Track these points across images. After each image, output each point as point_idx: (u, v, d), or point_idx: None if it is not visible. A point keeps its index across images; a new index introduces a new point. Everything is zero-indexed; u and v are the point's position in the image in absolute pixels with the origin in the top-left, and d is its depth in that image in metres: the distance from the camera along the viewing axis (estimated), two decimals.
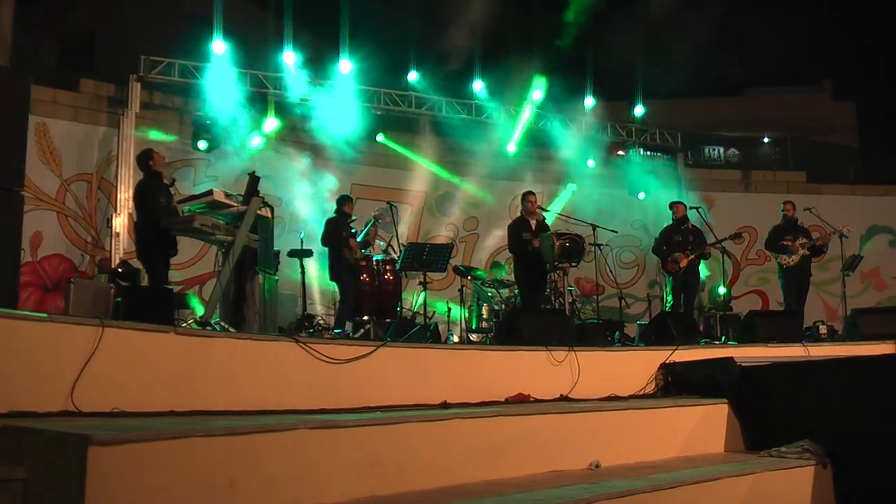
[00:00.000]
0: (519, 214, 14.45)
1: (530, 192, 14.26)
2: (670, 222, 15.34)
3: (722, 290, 17.25)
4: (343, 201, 14.52)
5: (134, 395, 6.47)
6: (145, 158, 11.25)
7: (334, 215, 14.47)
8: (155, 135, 17.02)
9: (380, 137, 19.86)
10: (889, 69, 29.42)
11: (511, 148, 20.97)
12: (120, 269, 13.88)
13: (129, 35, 20.51)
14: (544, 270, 13.81)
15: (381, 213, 14.67)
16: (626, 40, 21.31)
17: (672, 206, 15.31)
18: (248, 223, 9.32)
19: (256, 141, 18.15)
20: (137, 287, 11.93)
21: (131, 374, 6.57)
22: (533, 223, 13.89)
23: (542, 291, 13.98)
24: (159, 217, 10.24)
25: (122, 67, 17.35)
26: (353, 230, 14.20)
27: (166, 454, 4.90)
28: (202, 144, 17.16)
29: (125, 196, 16.16)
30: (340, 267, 13.86)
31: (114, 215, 16.28)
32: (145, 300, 9.27)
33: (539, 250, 13.47)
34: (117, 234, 16.05)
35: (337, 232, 13.97)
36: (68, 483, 4.50)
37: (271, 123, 18.34)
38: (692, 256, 14.60)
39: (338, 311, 14.10)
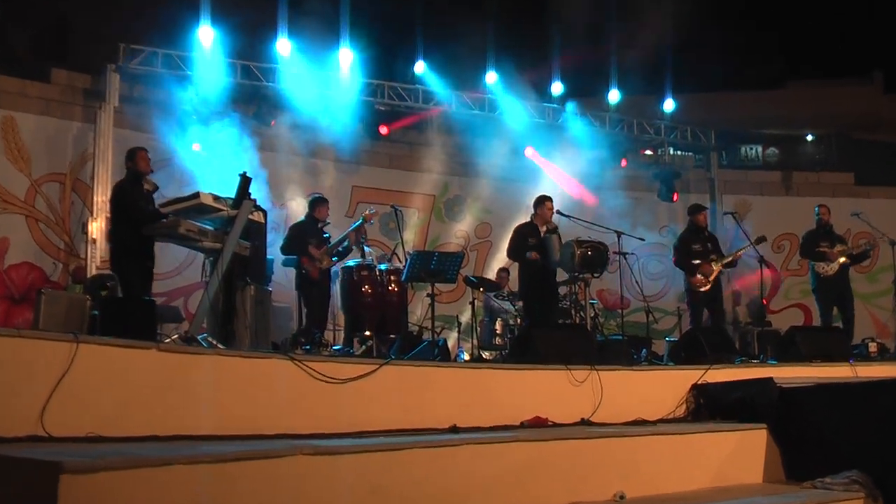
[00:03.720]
0: (528, 219, 14.34)
1: (548, 198, 14.15)
2: (686, 228, 15.20)
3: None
4: (314, 204, 14.36)
5: (111, 418, 6.47)
6: (127, 156, 11.21)
7: (303, 219, 14.42)
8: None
9: (384, 130, 19.81)
10: None
11: (528, 153, 20.99)
12: (108, 284, 13.80)
13: (106, 21, 20.51)
14: (553, 281, 13.78)
15: (373, 214, 14.47)
16: (655, 28, 21.26)
17: (696, 210, 15.13)
18: (238, 229, 9.33)
19: (247, 138, 18.14)
20: (116, 299, 11.91)
21: (108, 395, 6.58)
22: (542, 230, 13.81)
23: (553, 304, 13.92)
24: (140, 222, 10.23)
25: (99, 56, 17.29)
26: (325, 235, 14.11)
27: (146, 483, 4.90)
28: (191, 144, 17.15)
29: (102, 198, 16.04)
30: (302, 278, 13.81)
31: (89, 219, 16.16)
32: (125, 313, 9.26)
33: (538, 263, 13.46)
34: (93, 241, 15.95)
35: (298, 238, 13.89)
36: None
37: (264, 118, 18.35)
38: (720, 267, 14.52)
39: (304, 327, 13.93)
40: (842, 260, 15.04)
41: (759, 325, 17.11)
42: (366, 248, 14.75)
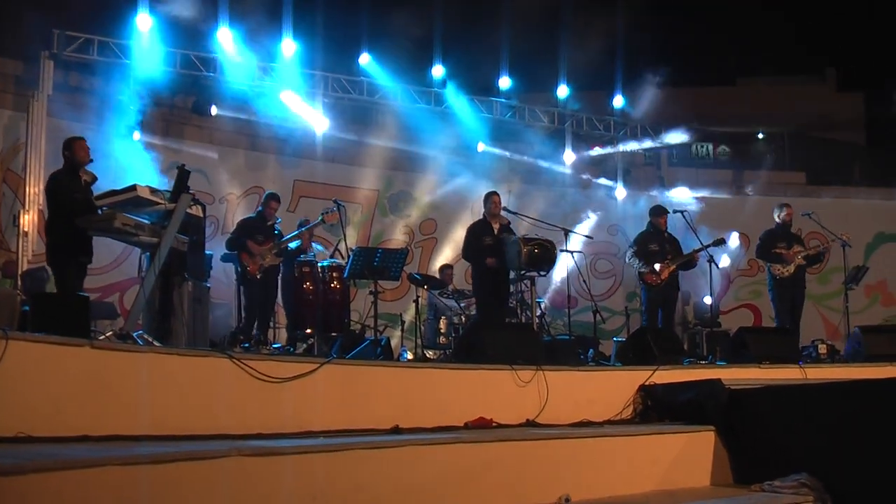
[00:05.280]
0: (480, 217, 14.43)
1: (494, 193, 14.30)
2: (646, 228, 15.28)
3: (708, 300, 17.20)
4: (266, 200, 14.42)
5: (42, 418, 6.41)
6: (65, 145, 11.09)
7: (253, 215, 14.40)
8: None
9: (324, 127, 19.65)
10: None
11: (481, 146, 21.04)
12: (46, 277, 13.65)
13: (40, 6, 20.27)
14: (506, 281, 13.83)
15: (330, 213, 14.37)
16: (605, 22, 21.31)
17: (657, 213, 15.18)
18: (176, 223, 9.28)
19: (187, 130, 18.03)
20: (48, 294, 11.81)
21: (39, 394, 6.51)
22: (496, 227, 13.89)
23: (504, 305, 13.98)
24: (73, 215, 10.13)
25: (33, 43, 17.06)
26: (275, 231, 14.06)
27: (79, 485, 4.87)
28: (127, 134, 17.00)
29: (35, 190, 15.89)
30: (241, 274, 13.76)
31: (21, 212, 15.96)
32: (58, 309, 9.17)
33: (495, 269, 13.51)
34: (25, 234, 15.75)
35: (241, 234, 13.84)
36: None
37: (203, 109, 18.22)
38: (674, 266, 14.59)
39: (243, 325, 13.89)
40: (798, 261, 15.10)
41: (708, 326, 17.23)
42: (316, 245, 14.74)
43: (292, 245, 14.10)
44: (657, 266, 14.47)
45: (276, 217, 14.33)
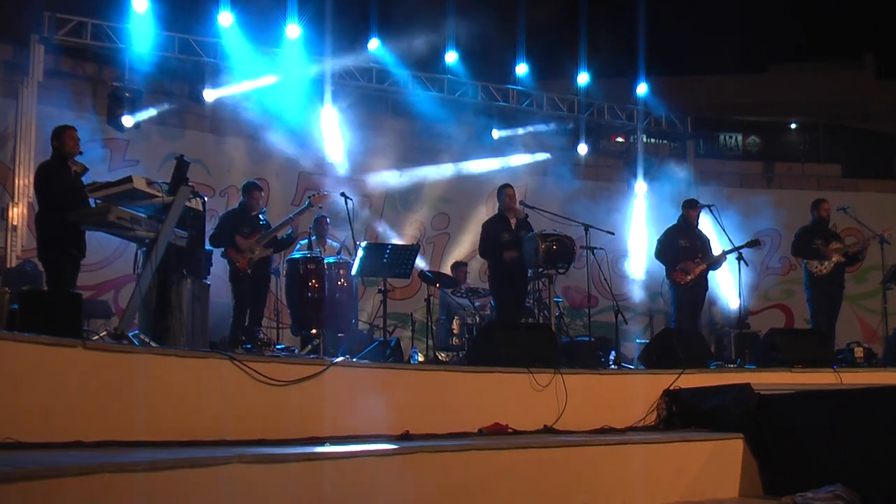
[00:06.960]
0: (497, 211, 14.36)
1: (507, 185, 14.19)
2: (676, 222, 15.16)
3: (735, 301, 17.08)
4: (245, 190, 14.12)
5: (32, 423, 6.43)
6: (53, 135, 11.08)
7: (236, 207, 14.24)
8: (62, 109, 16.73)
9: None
10: None
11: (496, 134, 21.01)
12: (36, 273, 13.64)
13: None
14: (525, 279, 13.79)
15: (318, 196, 14.21)
16: (629, 5, 21.27)
17: (690, 206, 15.03)
18: (174, 217, 9.28)
19: (185, 118, 18.02)
20: (38, 291, 11.81)
21: (29, 397, 6.52)
22: (513, 222, 13.83)
23: (523, 304, 13.95)
24: (65, 208, 10.13)
25: (22, 26, 17.06)
26: (262, 222, 13.91)
27: (71, 494, 4.87)
28: (125, 121, 16.98)
29: (25, 181, 15.89)
30: (232, 270, 13.64)
31: (10, 204, 15.99)
32: (48, 307, 9.18)
33: (515, 261, 13.45)
34: (14, 227, 15.80)
35: (227, 228, 13.70)
36: None
37: (201, 97, 18.20)
38: (704, 266, 14.49)
39: (231, 326, 13.79)
40: (836, 259, 14.97)
41: (737, 327, 17.16)
42: (331, 241, 14.67)
43: (284, 235, 13.96)
44: (690, 265, 14.38)
45: (262, 207, 14.20)
